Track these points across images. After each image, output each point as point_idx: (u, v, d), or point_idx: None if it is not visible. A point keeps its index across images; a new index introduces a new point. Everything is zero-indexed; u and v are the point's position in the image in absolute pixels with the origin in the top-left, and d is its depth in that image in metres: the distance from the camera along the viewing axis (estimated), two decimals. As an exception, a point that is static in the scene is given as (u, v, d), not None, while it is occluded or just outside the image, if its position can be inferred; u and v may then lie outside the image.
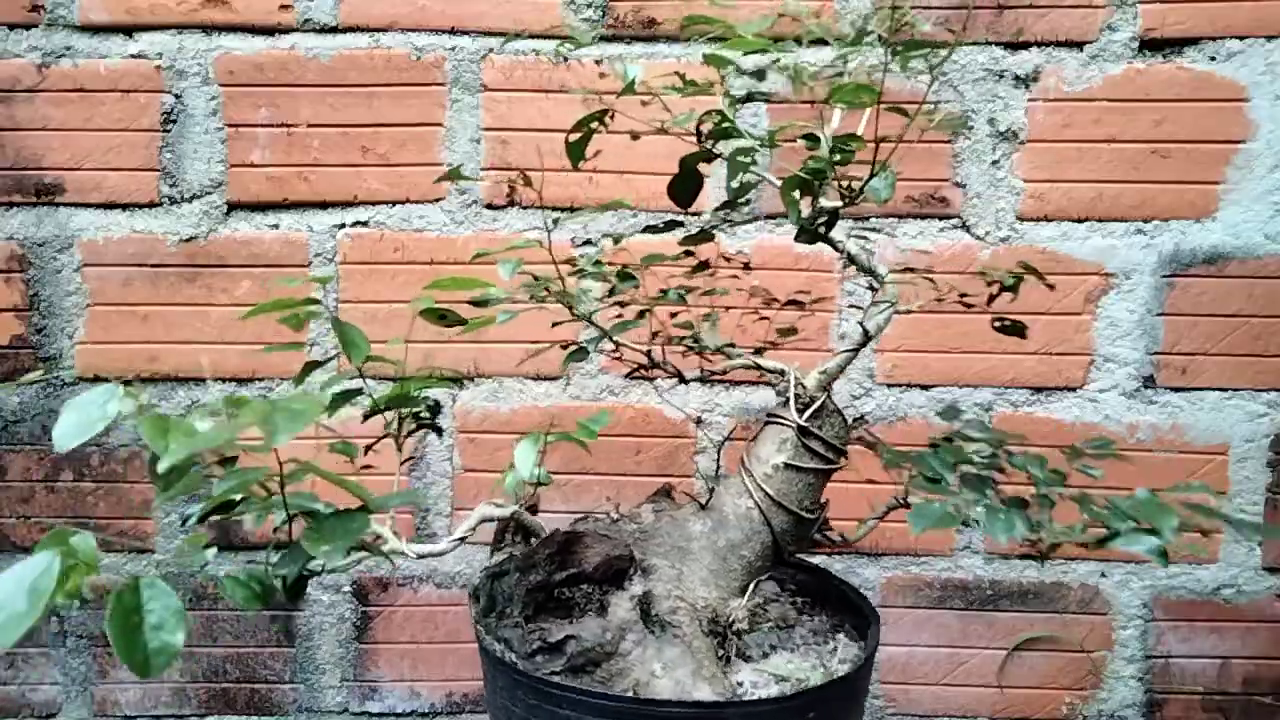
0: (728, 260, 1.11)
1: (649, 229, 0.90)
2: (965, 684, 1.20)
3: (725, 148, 0.77)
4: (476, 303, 0.79)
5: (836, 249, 0.80)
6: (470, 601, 0.86)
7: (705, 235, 0.86)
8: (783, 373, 0.84)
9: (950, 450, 0.74)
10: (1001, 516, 0.65)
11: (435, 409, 0.82)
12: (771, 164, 1.10)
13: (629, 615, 0.79)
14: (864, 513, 1.17)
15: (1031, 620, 1.18)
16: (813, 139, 0.72)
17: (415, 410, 0.79)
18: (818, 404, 0.82)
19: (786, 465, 0.82)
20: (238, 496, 0.61)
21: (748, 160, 0.76)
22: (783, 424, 0.82)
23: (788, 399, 0.82)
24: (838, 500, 1.17)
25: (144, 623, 0.49)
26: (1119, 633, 1.18)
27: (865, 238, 0.85)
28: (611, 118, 0.77)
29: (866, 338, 0.82)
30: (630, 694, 0.75)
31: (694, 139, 0.78)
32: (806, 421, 0.81)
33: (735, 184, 0.77)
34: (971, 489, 0.69)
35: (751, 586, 0.83)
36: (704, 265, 0.91)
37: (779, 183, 0.75)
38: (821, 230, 0.77)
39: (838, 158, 0.70)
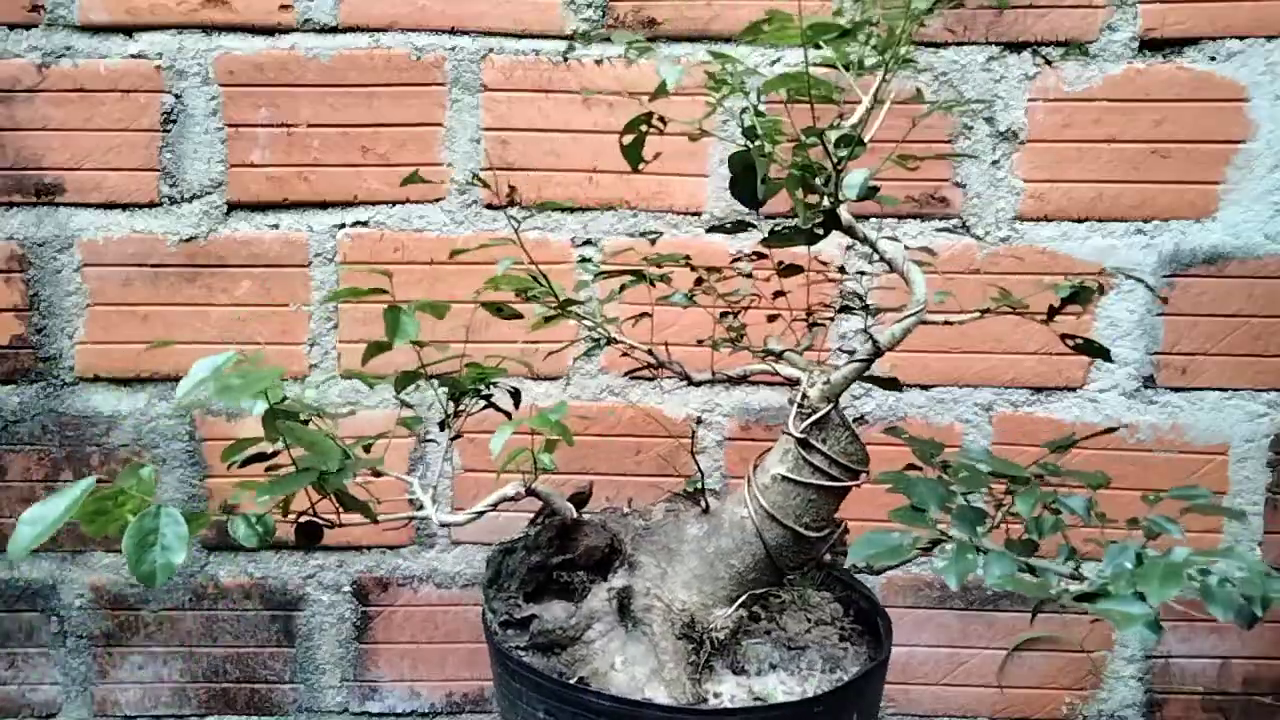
0: (735, 260, 1.11)
1: (715, 229, 0.89)
2: (965, 684, 1.20)
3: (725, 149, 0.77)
4: (497, 309, 0.82)
5: (875, 249, 0.77)
6: (484, 569, 0.90)
7: (788, 237, 0.78)
8: (798, 381, 0.80)
9: (941, 482, 0.69)
10: (968, 558, 0.61)
11: (516, 395, 0.89)
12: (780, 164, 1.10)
13: (601, 605, 0.81)
14: (861, 511, 1.17)
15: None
16: (814, 134, 0.70)
17: (488, 394, 0.86)
18: (818, 415, 0.78)
19: (784, 478, 0.78)
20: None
21: (769, 160, 0.73)
22: (787, 434, 0.79)
23: (799, 409, 0.79)
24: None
25: (156, 543, 0.58)
26: (1119, 633, 1.18)
27: (897, 239, 0.82)
28: (663, 122, 0.76)
29: (876, 350, 0.77)
30: (575, 680, 0.77)
31: (723, 138, 0.77)
32: (805, 433, 0.78)
33: (763, 183, 0.74)
34: (963, 524, 0.65)
35: (741, 598, 0.81)
36: (794, 269, 0.90)
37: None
38: (819, 231, 0.75)
39: (844, 153, 0.69)
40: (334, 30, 1.13)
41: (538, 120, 1.14)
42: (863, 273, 1.15)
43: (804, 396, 0.78)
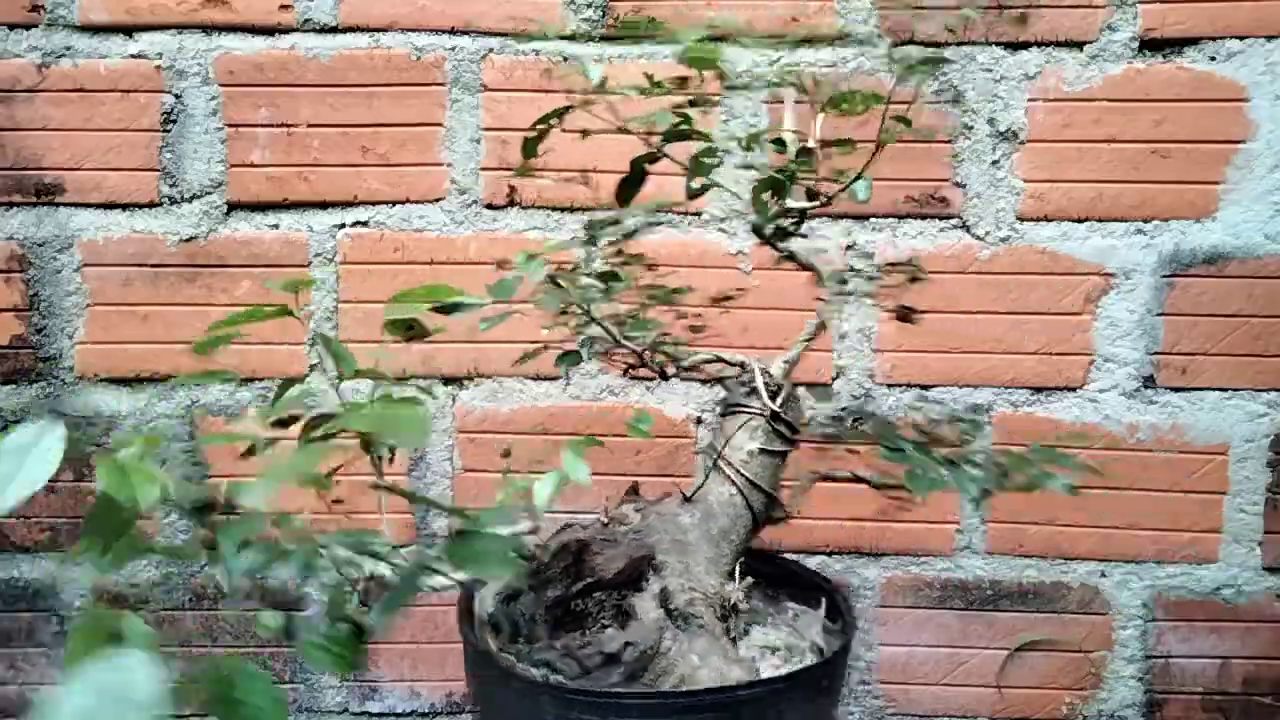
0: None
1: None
2: (965, 684, 1.20)
3: (694, 147, 0.79)
4: (444, 309, 0.78)
5: (776, 249, 0.84)
6: (485, 631, 0.83)
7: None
8: (744, 365, 0.88)
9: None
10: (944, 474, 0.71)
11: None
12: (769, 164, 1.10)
13: (658, 613, 0.77)
14: (867, 511, 1.17)
15: (1031, 620, 1.18)
16: (779, 143, 0.74)
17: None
18: (786, 391, 0.85)
19: (761, 450, 0.85)
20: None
21: (715, 162, 0.78)
22: (750, 412, 0.86)
23: (752, 389, 0.86)
24: (838, 499, 1.17)
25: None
26: (1119, 633, 1.18)
27: (805, 236, 0.86)
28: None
29: (820, 329, 0.87)
30: (683, 689, 0.75)
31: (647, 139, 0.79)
32: (780, 407, 0.85)
33: (695, 185, 0.80)
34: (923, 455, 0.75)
35: (738, 568, 0.86)
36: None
37: (734, 186, 0.79)
38: (791, 229, 0.81)
39: (805, 161, 0.74)
40: (334, 30, 1.13)
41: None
42: (854, 268, 1.15)
43: (768, 375, 0.86)
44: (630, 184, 0.83)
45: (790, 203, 0.79)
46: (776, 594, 0.93)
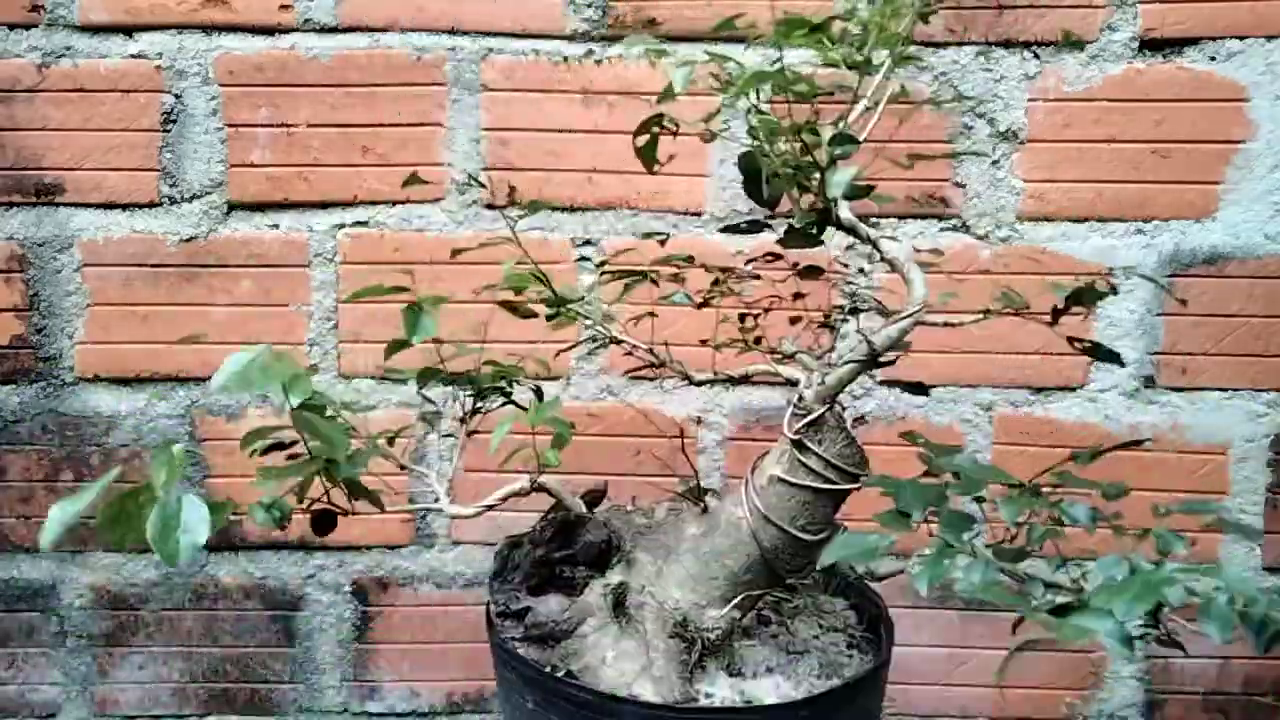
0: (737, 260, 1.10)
1: (730, 229, 0.89)
2: (965, 684, 1.20)
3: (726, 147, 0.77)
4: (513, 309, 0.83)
5: (878, 249, 0.77)
6: (492, 562, 0.91)
7: (809, 236, 0.77)
8: (796, 383, 0.80)
9: (933, 486, 0.65)
10: (945, 563, 0.57)
11: (539, 393, 0.89)
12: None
13: (596, 600, 0.81)
14: (861, 511, 1.17)
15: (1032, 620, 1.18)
16: (813, 132, 0.69)
17: (509, 391, 0.87)
18: (813, 417, 0.77)
19: (779, 479, 0.77)
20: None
21: (770, 159, 0.72)
22: (784, 435, 0.79)
23: (795, 412, 0.78)
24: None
25: (179, 527, 0.59)
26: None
27: (897, 239, 0.82)
28: (675, 124, 0.76)
29: (872, 351, 0.76)
30: (563, 673, 0.78)
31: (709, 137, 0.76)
32: (800, 434, 0.77)
33: (766, 183, 0.73)
34: (950, 529, 0.61)
35: (737, 599, 0.80)
36: (817, 270, 0.89)
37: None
38: (813, 232, 0.75)
39: (839, 151, 0.68)
40: (334, 30, 1.13)
41: (538, 120, 1.14)
42: (863, 270, 1.15)
43: (800, 398, 0.78)
44: (756, 182, 0.74)
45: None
46: (860, 642, 0.86)
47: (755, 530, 0.78)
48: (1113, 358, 0.78)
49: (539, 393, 0.88)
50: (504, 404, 0.87)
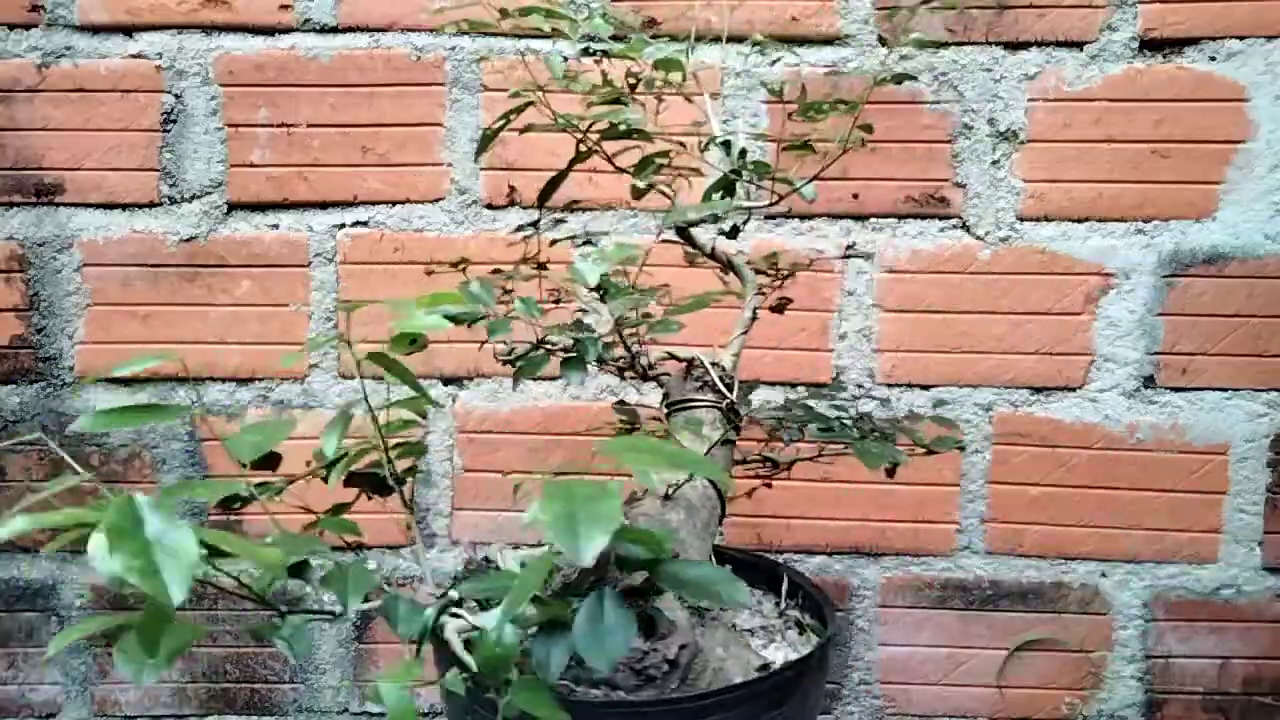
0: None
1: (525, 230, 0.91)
2: (965, 684, 1.20)
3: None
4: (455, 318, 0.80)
5: (694, 245, 0.86)
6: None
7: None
8: (693, 361, 0.88)
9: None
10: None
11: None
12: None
13: (684, 613, 0.75)
14: (862, 512, 1.17)
15: (1031, 620, 1.18)
16: (727, 145, 0.77)
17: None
18: (737, 384, 0.87)
19: (724, 441, 0.86)
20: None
21: (664, 161, 0.79)
22: (706, 405, 0.86)
23: (703, 383, 0.86)
24: (839, 500, 1.17)
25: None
26: (1119, 633, 1.18)
27: (726, 233, 0.88)
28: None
29: (753, 320, 0.88)
30: (718, 685, 0.73)
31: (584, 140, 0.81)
32: (734, 400, 0.86)
33: (642, 184, 0.81)
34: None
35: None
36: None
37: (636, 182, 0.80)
38: (739, 228, 0.85)
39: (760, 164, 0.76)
40: (334, 30, 1.13)
41: (538, 120, 1.13)
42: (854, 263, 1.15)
43: (721, 367, 0.87)
44: (551, 185, 0.86)
45: (742, 202, 0.82)
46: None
47: (721, 490, 0.86)
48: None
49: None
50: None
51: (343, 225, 1.15)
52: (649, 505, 0.86)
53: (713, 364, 0.87)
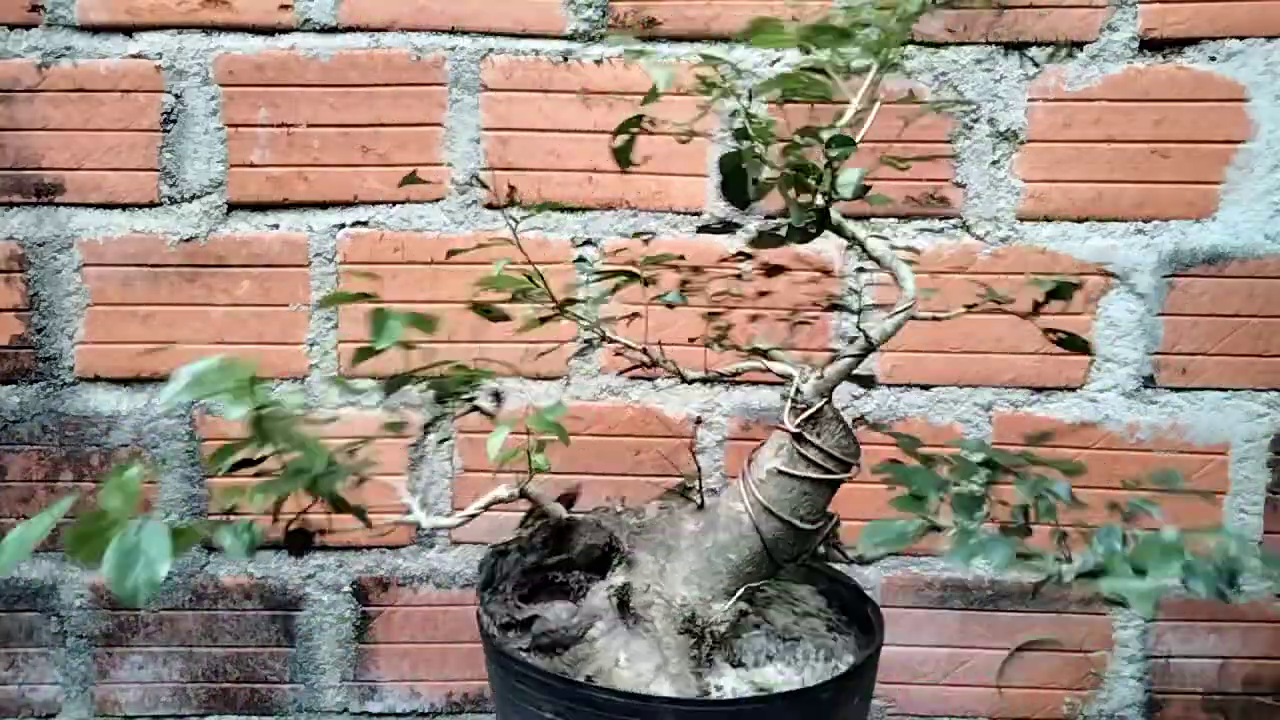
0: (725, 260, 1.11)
1: (705, 229, 0.90)
2: (965, 684, 1.20)
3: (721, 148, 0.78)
4: (485, 310, 0.81)
5: (864, 248, 0.78)
6: (477, 573, 0.89)
7: (775, 239, 0.81)
8: (790, 378, 0.81)
9: (934, 472, 0.70)
10: (972, 543, 0.61)
11: (498, 396, 0.88)
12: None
13: (602, 603, 0.80)
14: (861, 511, 1.17)
15: (1031, 620, 1.18)
16: (812, 134, 0.71)
17: (471, 397, 0.85)
18: (813, 410, 0.79)
19: (780, 471, 0.79)
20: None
21: (762, 161, 0.75)
22: (782, 429, 0.80)
23: (791, 403, 0.80)
24: (837, 498, 1.17)
25: (139, 562, 0.54)
26: (1119, 633, 1.18)
27: (885, 237, 0.84)
28: (653, 124, 0.77)
29: (869, 345, 0.79)
30: (583, 678, 0.77)
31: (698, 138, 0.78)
32: (800, 428, 0.79)
33: (754, 184, 0.76)
34: (962, 510, 0.65)
35: (739, 591, 0.82)
36: (778, 269, 0.91)
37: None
38: (812, 230, 0.76)
39: (836, 153, 0.70)
40: (334, 30, 1.13)
41: (538, 120, 1.14)
42: (862, 269, 1.15)
43: (798, 392, 0.80)
44: (735, 182, 0.76)
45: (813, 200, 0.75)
46: (846, 637, 0.88)
47: (757, 523, 0.80)
48: (1083, 348, 0.82)
49: (498, 396, 0.88)
50: (467, 411, 0.86)
51: (343, 225, 1.15)
52: (684, 509, 0.87)
53: (795, 387, 0.79)
